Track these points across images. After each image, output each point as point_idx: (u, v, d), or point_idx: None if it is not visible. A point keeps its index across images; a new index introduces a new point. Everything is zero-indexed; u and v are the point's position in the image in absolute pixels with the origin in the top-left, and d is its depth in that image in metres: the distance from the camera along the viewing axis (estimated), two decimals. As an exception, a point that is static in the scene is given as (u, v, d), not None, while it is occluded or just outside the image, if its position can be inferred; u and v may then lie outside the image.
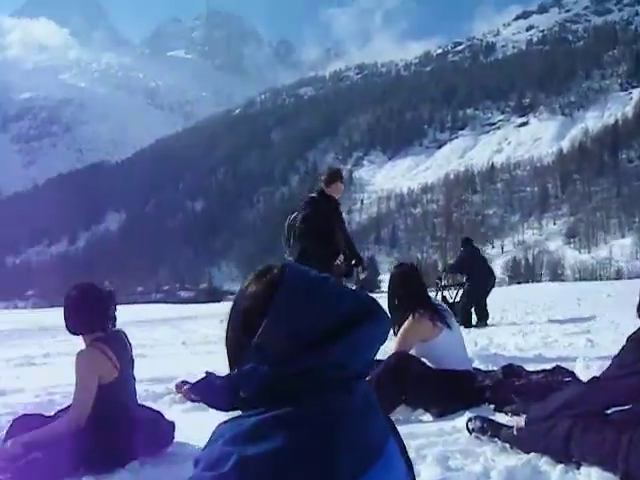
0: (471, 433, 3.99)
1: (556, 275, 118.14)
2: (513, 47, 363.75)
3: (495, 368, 5.94)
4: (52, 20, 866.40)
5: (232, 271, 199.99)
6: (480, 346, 8.62)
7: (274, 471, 1.16)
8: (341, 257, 7.63)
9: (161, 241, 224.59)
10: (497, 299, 22.62)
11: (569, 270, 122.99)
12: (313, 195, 7.81)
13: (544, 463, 3.28)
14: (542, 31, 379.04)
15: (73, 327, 4.11)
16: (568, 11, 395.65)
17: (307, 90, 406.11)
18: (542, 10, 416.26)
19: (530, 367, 5.56)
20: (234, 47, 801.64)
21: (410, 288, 5.46)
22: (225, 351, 1.39)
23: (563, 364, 5.62)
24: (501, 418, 4.22)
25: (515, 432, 3.62)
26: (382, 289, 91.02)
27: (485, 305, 14.25)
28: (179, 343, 13.21)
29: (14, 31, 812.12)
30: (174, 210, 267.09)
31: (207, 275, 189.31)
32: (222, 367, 7.73)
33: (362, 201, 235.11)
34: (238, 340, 1.38)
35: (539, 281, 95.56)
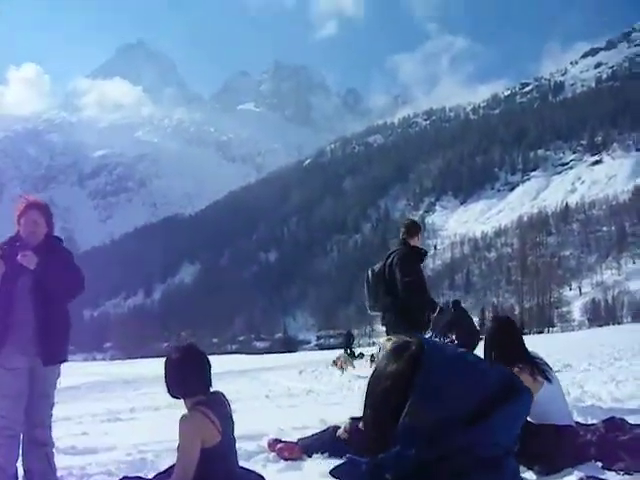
0: None
1: (638, 316, 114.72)
2: (582, 85, 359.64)
3: (595, 421, 5.72)
4: (126, 79, 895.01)
5: (307, 320, 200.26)
6: (573, 396, 8.35)
7: None
8: (437, 309, 7.58)
9: (236, 292, 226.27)
10: (581, 343, 22.09)
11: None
12: (402, 248, 7.76)
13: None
14: (611, 67, 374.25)
15: (175, 390, 4.15)
16: (638, 45, 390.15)
17: (376, 138, 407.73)
18: (610, 46, 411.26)
19: (631, 419, 5.34)
20: (302, 98, 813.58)
21: (508, 342, 5.33)
22: (365, 429, 1.38)
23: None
24: (612, 477, 4.07)
25: None
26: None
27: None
28: (262, 396, 13.21)
29: (90, 92, 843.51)
30: (248, 261, 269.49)
31: (282, 325, 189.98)
32: (308, 422, 7.69)
33: (435, 247, 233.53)
34: (380, 421, 1.34)
35: (620, 323, 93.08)
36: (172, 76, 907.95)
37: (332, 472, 1.51)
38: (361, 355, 32.80)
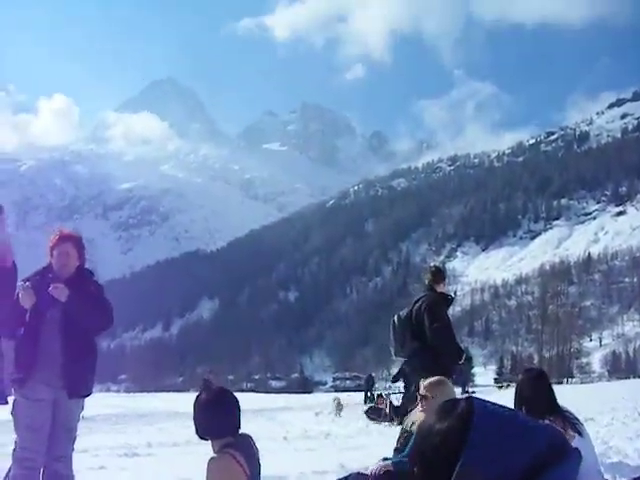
0: None
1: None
2: (607, 135, 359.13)
3: (623, 479, 5.62)
4: (153, 113, 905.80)
5: (324, 361, 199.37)
6: (598, 452, 8.17)
7: None
8: (463, 357, 7.53)
9: (253, 330, 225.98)
10: (602, 396, 21.73)
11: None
12: (430, 294, 7.72)
13: None
14: (637, 118, 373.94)
15: (204, 431, 4.09)
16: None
17: (400, 181, 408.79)
18: (637, 97, 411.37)
19: (660, 478, 5.21)
20: (328, 140, 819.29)
21: (539, 394, 5.24)
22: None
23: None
24: None
25: None
26: (476, 382, 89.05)
27: None
28: (280, 438, 13.11)
29: (117, 125, 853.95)
30: (267, 299, 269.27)
31: (298, 365, 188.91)
32: (328, 466, 7.59)
33: (455, 292, 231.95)
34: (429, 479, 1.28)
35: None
36: (199, 113, 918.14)
37: None
38: (380, 396, 32.57)
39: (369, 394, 42.19)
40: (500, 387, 70.58)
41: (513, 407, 5.09)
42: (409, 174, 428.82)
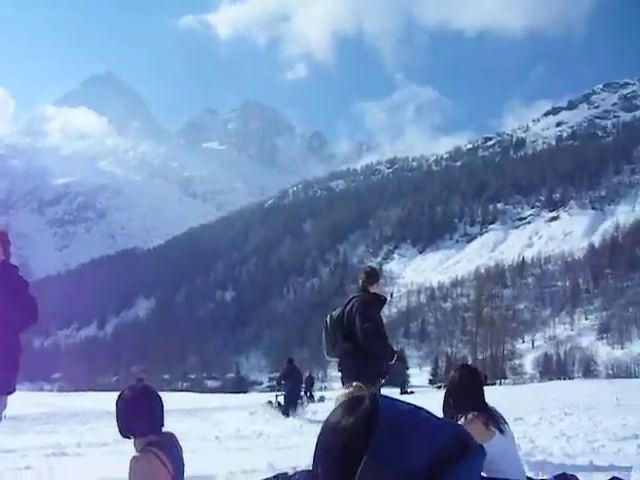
0: None
1: (589, 371, 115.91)
2: (543, 142, 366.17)
3: (546, 477, 5.72)
4: (92, 109, 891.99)
5: (260, 361, 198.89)
6: (524, 450, 8.34)
7: None
8: (395, 357, 7.56)
9: (190, 329, 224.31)
10: (532, 397, 22.18)
11: (602, 366, 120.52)
12: (363, 295, 7.74)
13: None
14: (572, 127, 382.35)
15: (126, 430, 4.04)
16: (597, 107, 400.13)
17: (339, 183, 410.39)
18: (571, 106, 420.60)
19: (582, 477, 5.34)
20: (268, 139, 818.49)
21: (470, 390, 5.33)
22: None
23: (616, 474, 5.39)
24: None
25: None
26: (411, 383, 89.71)
27: (297, 399, 23.19)
28: (212, 437, 13.03)
29: (55, 119, 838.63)
30: (204, 299, 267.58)
31: (234, 365, 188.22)
32: (258, 465, 7.59)
33: (392, 294, 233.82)
34: (331, 478, 1.31)
35: (571, 378, 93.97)
36: (139, 109, 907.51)
37: None
38: (322, 399, 32.73)
39: (308, 394, 42.18)
40: (439, 387, 71.35)
41: (443, 401, 5.46)
42: (348, 176, 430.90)
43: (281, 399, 23.52)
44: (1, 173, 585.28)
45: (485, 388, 5.51)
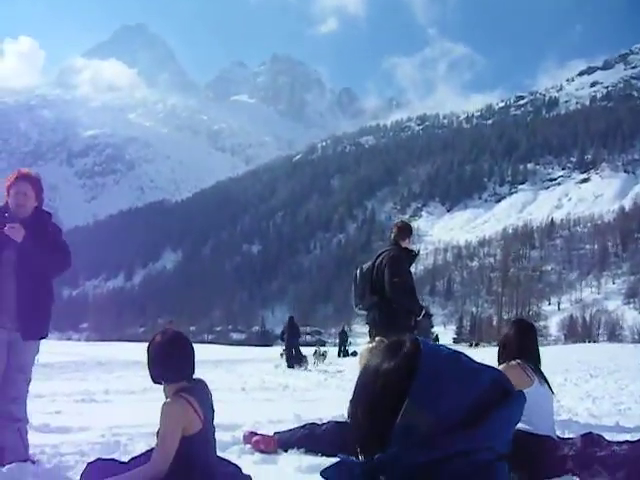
0: None
1: (614, 336, 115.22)
2: (576, 103, 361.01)
3: (572, 435, 5.73)
4: (121, 61, 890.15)
5: (285, 315, 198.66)
6: (550, 409, 8.37)
7: None
8: (423, 313, 7.53)
9: (216, 282, 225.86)
10: (557, 358, 22.16)
11: (627, 331, 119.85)
12: (393, 249, 7.69)
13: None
14: (606, 87, 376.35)
15: (158, 375, 4.04)
16: (634, 67, 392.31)
17: (368, 139, 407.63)
18: (607, 66, 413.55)
19: (607, 437, 5.34)
20: (297, 93, 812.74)
21: (525, 345, 5.41)
22: (352, 429, 1.29)
23: (643, 435, 5.39)
24: None
25: None
26: (437, 342, 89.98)
27: (296, 352, 25.26)
28: (238, 388, 13.18)
29: (84, 71, 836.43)
30: (231, 252, 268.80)
31: (260, 318, 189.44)
32: (284, 416, 7.66)
33: (419, 251, 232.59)
34: (374, 420, 1.27)
35: (596, 341, 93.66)
36: (169, 62, 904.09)
37: (323, 473, 1.42)
38: (354, 353, 33.17)
39: (343, 348, 42.56)
40: (470, 345, 71.43)
41: (498, 352, 5.60)
42: (377, 132, 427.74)
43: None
44: (31, 123, 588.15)
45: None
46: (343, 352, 41.01)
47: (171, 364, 3.97)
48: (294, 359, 24.76)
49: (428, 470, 1.19)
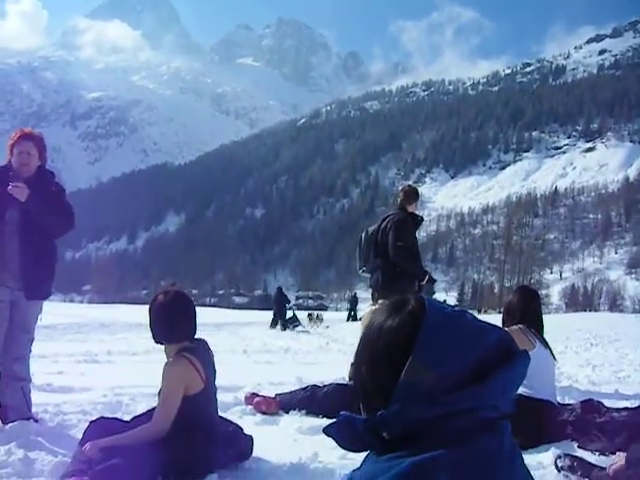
0: (560, 471, 3.86)
1: (615, 305, 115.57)
2: (584, 71, 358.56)
3: (572, 401, 5.76)
4: (125, 22, 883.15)
5: (287, 280, 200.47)
6: (550, 376, 8.42)
7: None
8: (427, 278, 7.52)
9: (219, 245, 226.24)
10: (558, 326, 22.21)
11: (629, 301, 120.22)
12: (399, 213, 7.66)
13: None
14: (615, 55, 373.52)
15: (161, 335, 4.03)
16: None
17: (373, 104, 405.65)
18: (616, 34, 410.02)
19: (607, 403, 5.38)
20: (302, 57, 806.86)
21: (529, 311, 5.44)
22: (356, 387, 1.32)
23: (642, 403, 5.42)
24: (587, 457, 4.09)
25: (611, 473, 3.44)
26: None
27: (282, 318, 26.90)
28: (240, 351, 13.26)
29: (88, 32, 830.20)
30: (234, 215, 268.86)
31: (262, 282, 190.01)
32: (285, 378, 7.71)
33: (422, 217, 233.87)
34: (378, 377, 1.29)
35: (597, 310, 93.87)
36: (173, 23, 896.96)
37: (326, 430, 1.46)
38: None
39: (353, 313, 42.84)
40: (479, 311, 71.61)
41: (502, 318, 5.63)
42: (382, 97, 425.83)
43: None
44: (34, 85, 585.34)
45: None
46: (352, 317, 41.33)
47: (173, 324, 3.96)
48: (280, 323, 27.04)
49: (431, 426, 1.20)
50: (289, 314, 27.98)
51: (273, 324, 27.22)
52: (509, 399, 1.31)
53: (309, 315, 31.99)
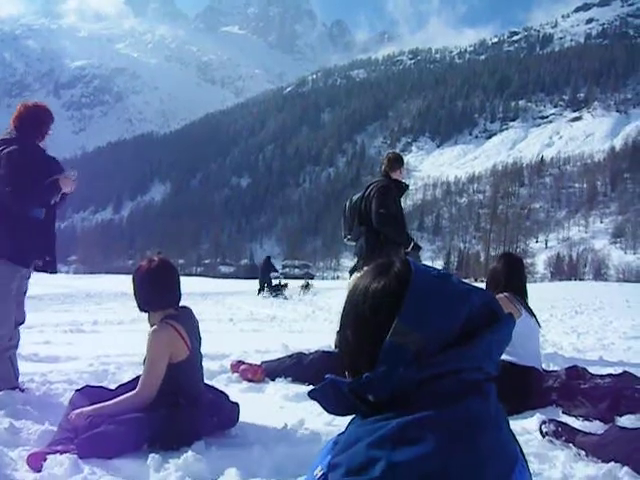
0: (544, 436, 3.89)
1: (599, 274, 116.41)
2: (571, 40, 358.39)
3: (556, 368, 5.81)
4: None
5: (274, 249, 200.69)
6: (535, 343, 8.47)
7: (423, 477, 1.09)
8: (411, 245, 7.50)
9: (205, 215, 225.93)
10: (544, 295, 22.38)
11: (613, 270, 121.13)
12: (383, 180, 7.62)
13: (625, 474, 3.13)
14: (602, 24, 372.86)
15: (145, 302, 4.01)
16: (631, 5, 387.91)
17: (359, 72, 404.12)
18: (603, 3, 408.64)
19: (591, 369, 5.42)
20: (288, 25, 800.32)
21: (514, 277, 5.48)
22: (341, 350, 1.32)
23: (627, 369, 5.46)
24: (571, 422, 4.14)
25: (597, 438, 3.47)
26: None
27: (266, 284, 27.73)
28: (226, 319, 13.27)
29: None
30: (219, 185, 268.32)
31: (248, 251, 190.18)
32: (271, 346, 7.73)
33: (408, 186, 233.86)
34: (361, 340, 1.29)
35: (582, 279, 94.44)
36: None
37: (311, 394, 1.46)
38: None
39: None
40: (474, 280, 71.99)
41: (486, 285, 5.65)
42: (369, 65, 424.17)
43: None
44: (17, 54, 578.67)
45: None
46: None
47: (157, 291, 3.95)
48: (273, 290, 27.64)
49: (417, 389, 1.21)
50: (274, 282, 28.35)
51: (260, 292, 27.52)
52: (494, 361, 1.31)
53: (304, 285, 32.33)
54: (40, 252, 5.10)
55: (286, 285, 28.44)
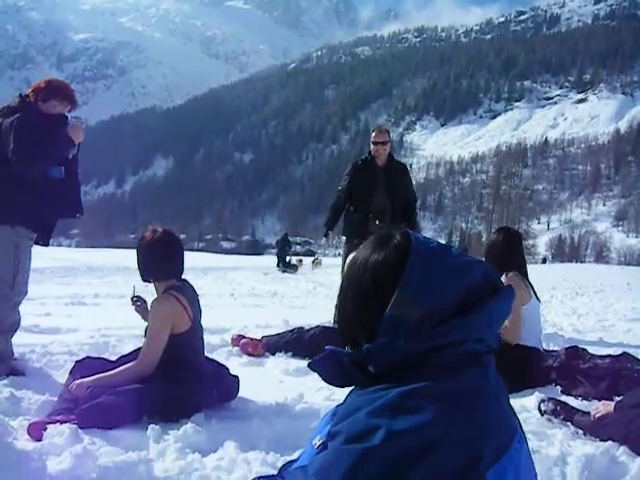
0: (543, 415, 3.92)
1: (601, 257, 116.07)
2: (578, 20, 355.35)
3: (557, 348, 5.82)
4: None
5: (275, 225, 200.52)
6: (535, 323, 8.49)
7: (423, 446, 1.10)
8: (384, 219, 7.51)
9: (207, 190, 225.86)
10: (544, 276, 22.38)
11: (614, 253, 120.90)
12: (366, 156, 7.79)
13: (623, 453, 3.15)
14: (610, 5, 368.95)
15: (148, 273, 3.99)
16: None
17: (364, 49, 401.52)
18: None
19: (591, 350, 5.43)
20: (293, 1, 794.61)
21: (515, 251, 5.46)
22: (340, 322, 1.33)
23: (626, 351, 5.47)
24: (570, 402, 4.17)
25: (595, 418, 3.53)
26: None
27: (283, 260, 29.80)
28: (227, 294, 13.28)
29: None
30: (222, 160, 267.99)
31: (250, 227, 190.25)
32: (272, 321, 7.75)
33: (411, 165, 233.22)
34: (361, 312, 1.29)
35: (583, 262, 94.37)
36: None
37: (311, 364, 1.45)
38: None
39: None
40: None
41: (484, 259, 5.39)
42: (374, 42, 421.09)
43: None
44: (20, 26, 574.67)
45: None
46: None
47: (161, 260, 3.94)
48: (284, 267, 29.43)
49: (418, 360, 1.21)
50: (293, 261, 31.03)
51: (278, 265, 29.96)
52: (495, 332, 1.30)
53: (314, 260, 35.48)
54: (69, 212, 5.00)
55: (301, 261, 31.20)
